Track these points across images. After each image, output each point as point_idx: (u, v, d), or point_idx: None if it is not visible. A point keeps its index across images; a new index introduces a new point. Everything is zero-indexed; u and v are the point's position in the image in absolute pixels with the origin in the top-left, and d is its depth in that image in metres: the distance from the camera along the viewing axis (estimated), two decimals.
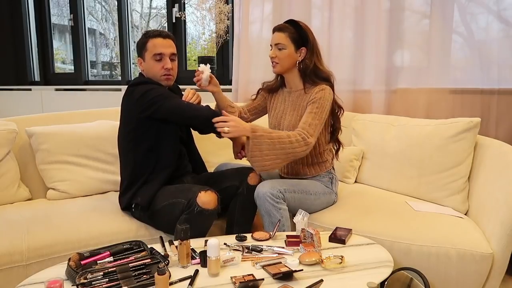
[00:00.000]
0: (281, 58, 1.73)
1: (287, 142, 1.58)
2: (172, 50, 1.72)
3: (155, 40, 1.69)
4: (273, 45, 1.75)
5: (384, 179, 2.06)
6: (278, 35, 1.72)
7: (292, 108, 1.78)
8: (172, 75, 1.74)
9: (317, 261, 1.27)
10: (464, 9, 2.23)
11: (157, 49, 1.68)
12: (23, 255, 1.43)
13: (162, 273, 1.07)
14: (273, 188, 1.60)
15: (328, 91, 1.70)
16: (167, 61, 1.70)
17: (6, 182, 1.87)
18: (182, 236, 1.24)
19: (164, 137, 1.69)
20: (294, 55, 1.73)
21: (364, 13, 2.42)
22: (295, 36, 1.71)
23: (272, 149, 1.57)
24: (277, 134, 1.60)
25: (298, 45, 1.72)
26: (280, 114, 1.83)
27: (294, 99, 1.79)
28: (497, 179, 1.57)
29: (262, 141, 1.56)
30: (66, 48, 4.01)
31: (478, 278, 1.43)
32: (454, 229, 1.54)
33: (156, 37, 1.69)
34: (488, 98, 2.18)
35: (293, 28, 1.71)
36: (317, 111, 1.66)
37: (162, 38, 1.69)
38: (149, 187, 1.65)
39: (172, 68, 1.72)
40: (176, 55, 1.75)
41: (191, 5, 3.17)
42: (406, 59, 2.40)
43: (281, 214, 1.59)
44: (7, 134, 1.89)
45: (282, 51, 1.72)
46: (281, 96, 1.87)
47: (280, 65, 1.74)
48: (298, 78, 1.77)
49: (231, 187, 1.72)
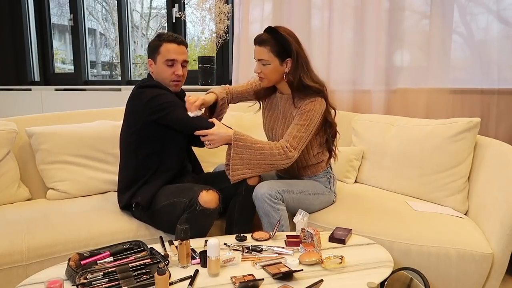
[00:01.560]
0: (266, 73, 1.66)
1: (268, 154, 1.58)
2: (185, 57, 1.72)
3: (169, 45, 1.68)
4: (256, 59, 1.67)
5: (384, 179, 2.06)
6: (260, 50, 1.63)
7: (284, 116, 1.75)
8: (181, 81, 1.75)
9: (317, 261, 1.27)
10: (464, 9, 2.23)
11: (170, 54, 1.68)
12: (23, 255, 1.43)
13: (162, 273, 1.07)
14: (271, 189, 1.59)
15: (318, 102, 1.62)
16: (178, 67, 1.70)
17: (6, 182, 1.87)
18: (182, 236, 1.24)
19: (171, 141, 1.69)
20: (280, 68, 1.65)
21: (364, 13, 2.42)
22: (277, 48, 1.61)
23: (253, 159, 1.58)
24: (259, 145, 1.59)
25: (282, 57, 1.62)
26: (273, 119, 1.81)
27: (287, 106, 1.73)
28: (497, 179, 1.57)
29: (243, 150, 1.58)
30: (66, 48, 4.01)
31: (478, 278, 1.43)
32: (454, 229, 1.54)
33: (171, 42, 1.68)
34: (488, 98, 2.18)
35: (274, 40, 1.61)
36: (303, 123, 1.60)
37: (176, 44, 1.69)
38: (149, 187, 1.66)
39: (182, 75, 1.72)
40: (188, 62, 1.75)
41: (191, 5, 3.17)
42: (406, 59, 2.40)
43: (279, 214, 1.59)
44: (7, 134, 1.89)
45: (267, 66, 1.64)
46: (275, 100, 1.82)
47: (267, 79, 1.69)
48: (287, 86, 1.69)
49: (230, 187, 1.72)
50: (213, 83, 2.91)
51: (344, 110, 2.44)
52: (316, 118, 1.62)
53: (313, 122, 1.62)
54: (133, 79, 3.45)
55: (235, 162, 1.59)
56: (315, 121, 1.62)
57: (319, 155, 1.77)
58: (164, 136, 1.68)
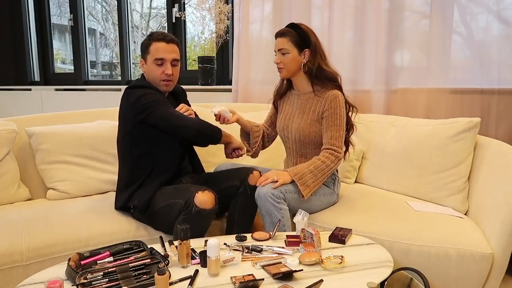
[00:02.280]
0: (286, 62, 1.74)
1: (324, 166, 1.68)
2: (175, 55, 1.70)
3: (158, 44, 1.66)
4: (276, 51, 1.76)
5: (384, 179, 2.06)
6: (281, 40, 1.74)
7: (301, 111, 1.79)
8: (172, 80, 1.72)
9: (317, 261, 1.27)
10: (464, 9, 2.23)
11: (159, 53, 1.66)
12: (23, 255, 1.43)
13: (162, 273, 1.07)
14: (274, 188, 1.60)
15: (340, 97, 1.72)
16: (167, 66, 1.68)
17: (6, 182, 1.87)
18: (182, 236, 1.24)
19: (162, 141, 1.68)
20: (298, 58, 1.74)
21: (364, 13, 2.42)
22: (297, 39, 1.72)
23: (315, 179, 1.67)
24: (314, 165, 1.67)
25: (301, 48, 1.73)
26: (288, 117, 1.84)
27: (304, 102, 1.80)
28: (497, 179, 1.57)
29: (306, 179, 1.65)
30: (66, 48, 4.02)
31: (478, 278, 1.43)
32: (454, 229, 1.54)
33: (160, 41, 1.66)
34: (488, 98, 2.18)
35: (294, 31, 1.72)
36: (337, 122, 1.71)
37: (165, 42, 1.67)
38: (146, 189, 1.65)
39: (172, 74, 1.69)
40: (179, 61, 1.73)
41: (191, 5, 3.18)
42: (406, 59, 2.40)
43: (282, 214, 1.59)
44: (7, 134, 1.89)
45: (286, 55, 1.73)
46: (290, 99, 1.88)
47: (286, 69, 1.76)
48: (305, 80, 1.78)
49: (231, 187, 1.72)
50: (213, 83, 2.91)
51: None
52: (343, 112, 1.73)
53: (343, 117, 1.72)
54: (133, 79, 3.45)
55: (306, 192, 1.64)
56: (343, 115, 1.73)
57: None
58: (156, 137, 1.67)
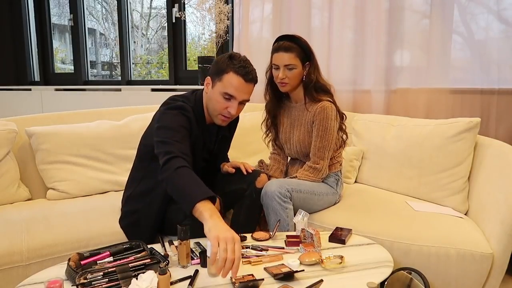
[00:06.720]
0: (291, 77, 1.73)
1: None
2: (247, 97, 1.52)
3: (236, 78, 1.47)
4: (281, 66, 1.71)
5: (384, 179, 2.06)
6: (287, 56, 1.70)
7: (298, 123, 1.81)
8: (231, 118, 1.56)
9: (317, 261, 1.27)
10: (464, 9, 2.23)
11: (232, 90, 1.47)
12: (23, 255, 1.43)
13: (163, 273, 1.07)
14: (281, 187, 1.61)
15: (329, 108, 1.71)
16: (234, 105, 1.50)
17: (6, 182, 1.87)
18: (182, 236, 1.24)
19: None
20: (302, 72, 1.75)
21: (364, 13, 2.42)
22: (301, 54, 1.72)
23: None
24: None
25: (304, 61, 1.74)
26: (288, 129, 1.86)
27: (299, 113, 1.81)
28: (497, 179, 1.57)
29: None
30: (66, 48, 4.01)
31: (478, 278, 1.43)
32: (454, 229, 1.54)
33: (239, 75, 1.47)
34: (488, 98, 2.18)
35: (298, 46, 1.72)
36: (323, 134, 1.71)
37: (244, 81, 1.48)
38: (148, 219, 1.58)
39: (236, 113, 1.53)
40: (248, 101, 1.55)
41: (191, 5, 3.17)
42: (406, 59, 2.40)
43: (287, 213, 1.60)
44: (7, 134, 1.89)
45: (293, 71, 1.72)
46: (286, 111, 1.88)
47: (290, 84, 1.75)
48: (302, 92, 1.79)
49: (238, 190, 1.69)
50: None
51: (344, 110, 2.42)
52: (332, 124, 1.72)
53: (331, 129, 1.72)
54: (133, 79, 3.45)
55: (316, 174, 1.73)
56: (332, 126, 1.72)
57: (335, 157, 1.83)
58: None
